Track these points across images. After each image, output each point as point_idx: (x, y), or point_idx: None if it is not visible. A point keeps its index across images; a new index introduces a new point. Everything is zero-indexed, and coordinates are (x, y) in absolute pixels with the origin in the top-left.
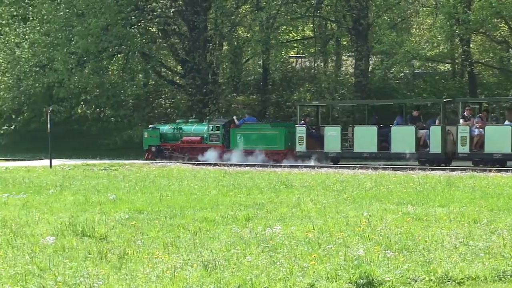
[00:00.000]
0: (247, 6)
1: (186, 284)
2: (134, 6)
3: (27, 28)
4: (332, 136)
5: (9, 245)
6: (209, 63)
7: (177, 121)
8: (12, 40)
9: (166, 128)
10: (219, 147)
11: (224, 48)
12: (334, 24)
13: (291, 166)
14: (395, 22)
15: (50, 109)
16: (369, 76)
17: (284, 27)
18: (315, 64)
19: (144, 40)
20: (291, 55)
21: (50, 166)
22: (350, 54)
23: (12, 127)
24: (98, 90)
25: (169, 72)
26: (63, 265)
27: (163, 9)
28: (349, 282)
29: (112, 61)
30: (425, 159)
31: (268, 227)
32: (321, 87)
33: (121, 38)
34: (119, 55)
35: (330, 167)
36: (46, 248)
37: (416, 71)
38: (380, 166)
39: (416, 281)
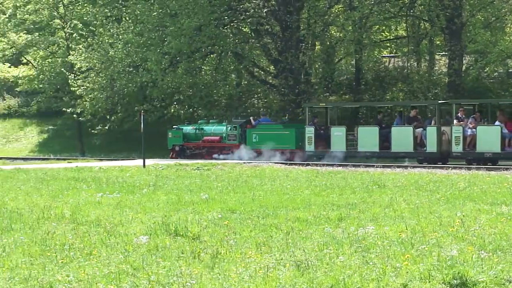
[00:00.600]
0: (339, 6)
1: (279, 284)
2: (227, 6)
3: (121, 29)
4: (338, 136)
5: (103, 245)
6: (301, 63)
7: (198, 122)
8: (106, 41)
9: (188, 129)
10: (237, 146)
11: (316, 48)
12: (428, 24)
13: (383, 166)
14: (489, 21)
15: (143, 109)
16: (463, 75)
17: (377, 26)
18: (408, 64)
19: (236, 40)
20: (384, 55)
21: (144, 165)
22: (443, 53)
23: (106, 127)
24: (191, 90)
25: (262, 72)
26: (156, 265)
27: (256, 9)
28: (442, 283)
29: (205, 61)
30: (422, 158)
31: (360, 227)
32: (413, 87)
33: (214, 38)
34: (212, 55)
35: (424, 167)
36: (140, 248)
37: (510, 70)
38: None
39: (510, 282)
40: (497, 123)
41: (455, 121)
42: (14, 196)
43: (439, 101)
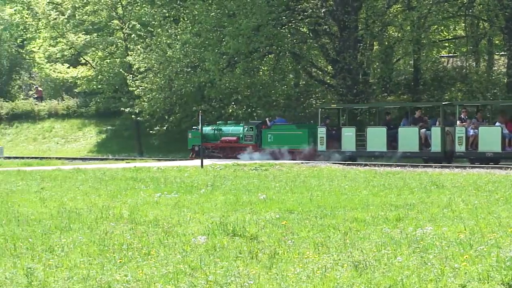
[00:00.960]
0: (398, 6)
1: (337, 284)
2: (285, 6)
3: (179, 29)
4: (348, 136)
5: (161, 245)
6: (359, 63)
7: (217, 122)
8: (164, 41)
9: (207, 129)
10: (253, 146)
11: (374, 48)
12: (486, 23)
13: (442, 166)
14: None
15: (201, 109)
16: None
17: (436, 26)
18: (467, 64)
19: (294, 40)
20: (442, 55)
21: (201, 166)
22: (502, 53)
23: (164, 128)
24: (249, 90)
25: (320, 72)
26: (214, 265)
27: (314, 9)
28: (501, 284)
29: (262, 62)
30: (427, 157)
31: (419, 227)
32: (472, 87)
33: (272, 39)
34: (269, 56)
35: (482, 167)
36: (198, 248)
37: None
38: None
39: None
40: (497, 123)
41: (458, 122)
42: (73, 196)
43: (443, 103)
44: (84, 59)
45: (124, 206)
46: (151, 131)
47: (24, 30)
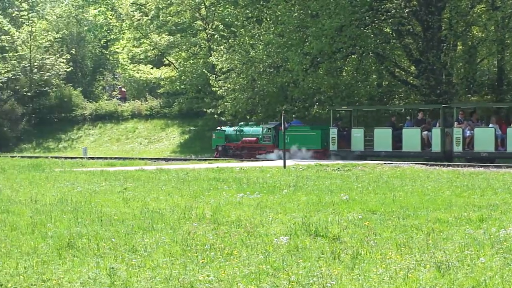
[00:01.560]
0: (482, 6)
1: (419, 285)
2: (368, 6)
3: (262, 30)
4: (357, 137)
5: (243, 245)
6: (443, 63)
7: (239, 124)
8: (247, 42)
9: (230, 130)
10: (271, 147)
11: (458, 48)
12: None
13: None
14: None
15: (284, 109)
16: None
17: None
18: None
19: (377, 41)
20: None
21: (284, 166)
22: None
23: None
24: (332, 91)
25: (403, 73)
26: (296, 265)
27: (397, 10)
28: None
29: (346, 62)
30: (428, 157)
31: (502, 228)
32: None
33: (355, 39)
34: (353, 56)
35: None
36: (280, 248)
37: None
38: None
39: None
40: (491, 125)
41: (455, 123)
42: (156, 197)
43: (443, 105)
44: (167, 59)
45: (207, 206)
46: None
47: (108, 31)
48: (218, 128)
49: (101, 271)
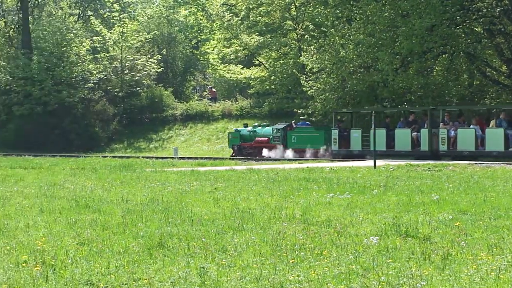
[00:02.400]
0: None
1: (511, 286)
2: (459, 6)
3: (352, 29)
4: (355, 137)
5: (333, 245)
6: None
7: (253, 125)
8: (337, 41)
9: (244, 131)
10: (281, 146)
11: None
12: None
13: None
14: None
15: (374, 109)
16: None
17: None
18: None
19: (468, 40)
20: None
21: (374, 166)
22: None
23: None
24: (422, 91)
25: (494, 72)
26: (386, 265)
27: (489, 9)
28: None
29: (436, 62)
30: (417, 156)
31: None
32: None
33: (446, 38)
34: (443, 56)
35: None
36: (370, 248)
37: None
38: None
39: None
40: (472, 126)
41: (441, 124)
42: (246, 197)
43: (430, 107)
44: (257, 60)
45: (297, 206)
46: None
47: (199, 32)
48: (234, 128)
49: (191, 270)
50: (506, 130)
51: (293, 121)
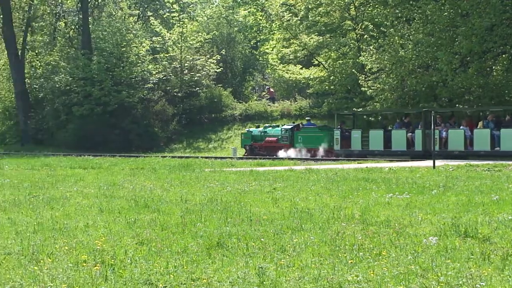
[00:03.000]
0: None
1: None
2: None
3: (411, 29)
4: (356, 137)
5: (392, 245)
6: None
7: (264, 125)
8: (397, 41)
9: (256, 131)
10: (288, 146)
11: None
12: None
13: None
14: None
15: (432, 109)
16: None
17: None
18: None
19: None
20: None
21: (433, 166)
22: None
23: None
24: (481, 90)
25: None
26: (445, 266)
27: None
28: None
29: (496, 61)
30: (412, 155)
31: None
32: None
33: (506, 38)
34: (503, 55)
35: None
36: (429, 249)
37: None
38: None
39: None
40: (461, 127)
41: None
42: (305, 197)
43: (424, 109)
44: (316, 60)
45: (356, 206)
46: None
47: (258, 32)
48: (246, 129)
49: (249, 270)
50: (493, 131)
51: (300, 122)
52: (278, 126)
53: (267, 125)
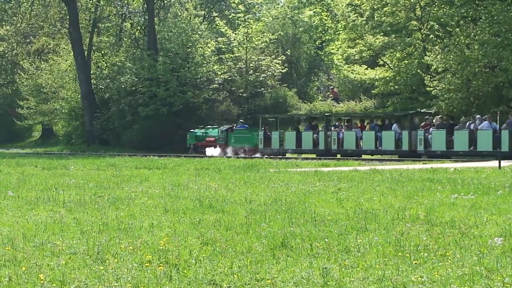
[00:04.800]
0: None
1: None
2: None
3: (477, 29)
4: (275, 138)
5: (457, 246)
6: None
7: (206, 127)
8: (462, 41)
9: (199, 132)
10: (223, 145)
11: None
12: None
13: None
14: None
15: (499, 110)
16: None
17: None
18: None
19: None
20: None
21: (499, 167)
22: None
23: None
24: None
25: None
26: (510, 267)
27: None
28: None
29: None
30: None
31: None
32: None
33: None
34: None
35: None
36: (494, 249)
37: None
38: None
39: None
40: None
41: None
42: (369, 197)
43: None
44: (381, 60)
45: (420, 207)
46: None
47: (323, 32)
48: (192, 130)
49: (314, 271)
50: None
51: (235, 124)
52: (217, 127)
53: (208, 126)
